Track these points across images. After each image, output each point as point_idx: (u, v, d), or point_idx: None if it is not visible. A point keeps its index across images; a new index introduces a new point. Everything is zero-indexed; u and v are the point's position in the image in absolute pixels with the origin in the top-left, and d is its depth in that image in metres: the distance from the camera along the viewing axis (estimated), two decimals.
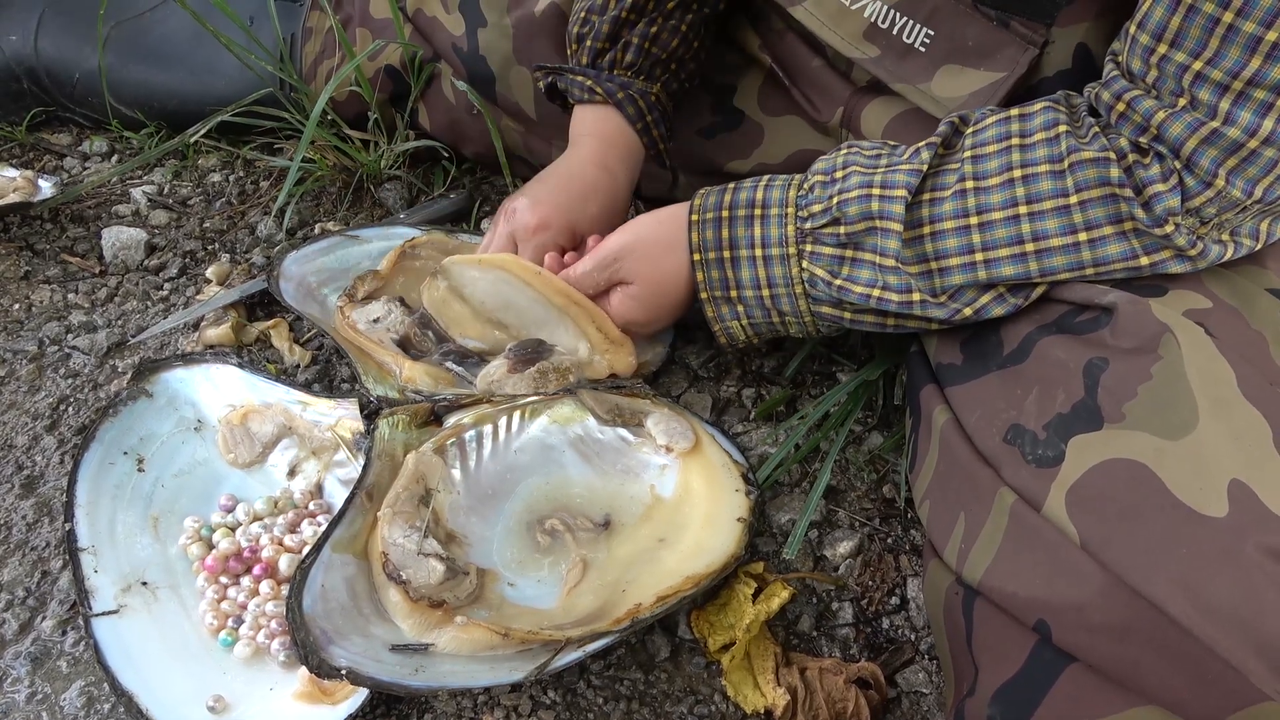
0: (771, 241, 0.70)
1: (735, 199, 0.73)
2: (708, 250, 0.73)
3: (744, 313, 0.74)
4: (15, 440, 0.82)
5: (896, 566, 0.72)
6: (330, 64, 1.08)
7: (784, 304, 0.72)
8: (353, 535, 0.65)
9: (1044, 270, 0.62)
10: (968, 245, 0.64)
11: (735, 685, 0.64)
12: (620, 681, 0.66)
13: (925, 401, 0.67)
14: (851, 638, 0.68)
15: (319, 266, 0.89)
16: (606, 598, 0.65)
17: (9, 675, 0.65)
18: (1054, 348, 0.60)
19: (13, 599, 0.70)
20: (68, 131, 1.19)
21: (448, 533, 0.68)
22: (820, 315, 0.72)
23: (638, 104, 0.86)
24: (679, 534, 0.69)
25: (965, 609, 0.55)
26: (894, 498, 0.77)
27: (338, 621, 0.59)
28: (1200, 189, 0.58)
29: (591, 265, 0.78)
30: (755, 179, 0.74)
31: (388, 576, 0.62)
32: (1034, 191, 0.61)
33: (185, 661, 0.64)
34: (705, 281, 0.74)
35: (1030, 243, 0.62)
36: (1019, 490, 0.54)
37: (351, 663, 0.56)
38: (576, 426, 0.76)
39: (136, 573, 0.69)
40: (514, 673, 0.58)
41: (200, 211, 1.08)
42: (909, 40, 0.76)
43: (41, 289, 0.97)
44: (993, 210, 0.63)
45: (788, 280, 0.71)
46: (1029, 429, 0.56)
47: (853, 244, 0.68)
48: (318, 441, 0.76)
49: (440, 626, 0.61)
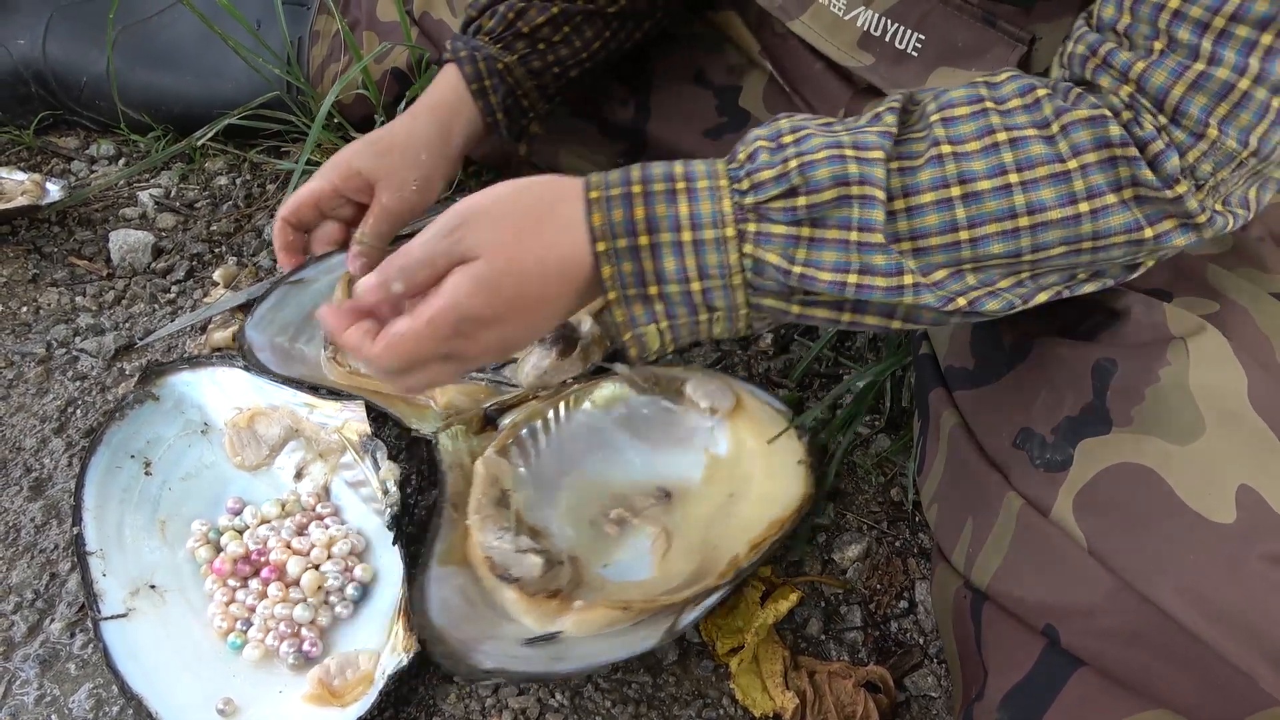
0: (703, 221, 0.53)
1: (646, 174, 0.54)
2: (616, 236, 0.53)
3: (664, 312, 0.55)
4: (24, 443, 0.82)
5: (905, 570, 0.72)
6: (337, 67, 1.09)
7: (718, 299, 0.55)
8: (449, 547, 0.66)
9: (1037, 246, 0.53)
10: (950, 221, 0.52)
11: (744, 689, 0.64)
12: (628, 685, 0.66)
13: (934, 404, 0.67)
14: (860, 641, 0.68)
15: (279, 324, 0.84)
16: (700, 558, 0.67)
17: (18, 677, 0.66)
18: (1059, 347, 0.60)
19: (21, 601, 0.70)
20: (75, 135, 1.19)
21: (530, 528, 0.70)
22: (760, 308, 0.56)
23: (478, 65, 0.85)
24: (746, 486, 0.72)
25: (973, 612, 0.55)
26: (902, 501, 0.77)
27: (467, 630, 0.60)
28: (1192, 142, 0.51)
29: (428, 235, 0.55)
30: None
31: (499, 579, 0.64)
32: (1025, 157, 0.52)
33: (194, 664, 0.65)
34: (614, 277, 0.54)
35: (1024, 216, 0.52)
36: (1027, 495, 0.54)
37: (497, 664, 0.58)
38: (620, 406, 0.78)
39: (145, 576, 0.69)
40: (646, 640, 0.61)
41: (207, 214, 1.08)
42: (901, 46, 0.76)
43: (49, 292, 0.97)
44: (978, 179, 0.52)
45: (724, 269, 0.53)
46: (1038, 433, 0.56)
47: (813, 220, 0.53)
48: (324, 444, 0.76)
49: (561, 614, 0.63)
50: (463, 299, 0.53)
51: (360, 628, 0.67)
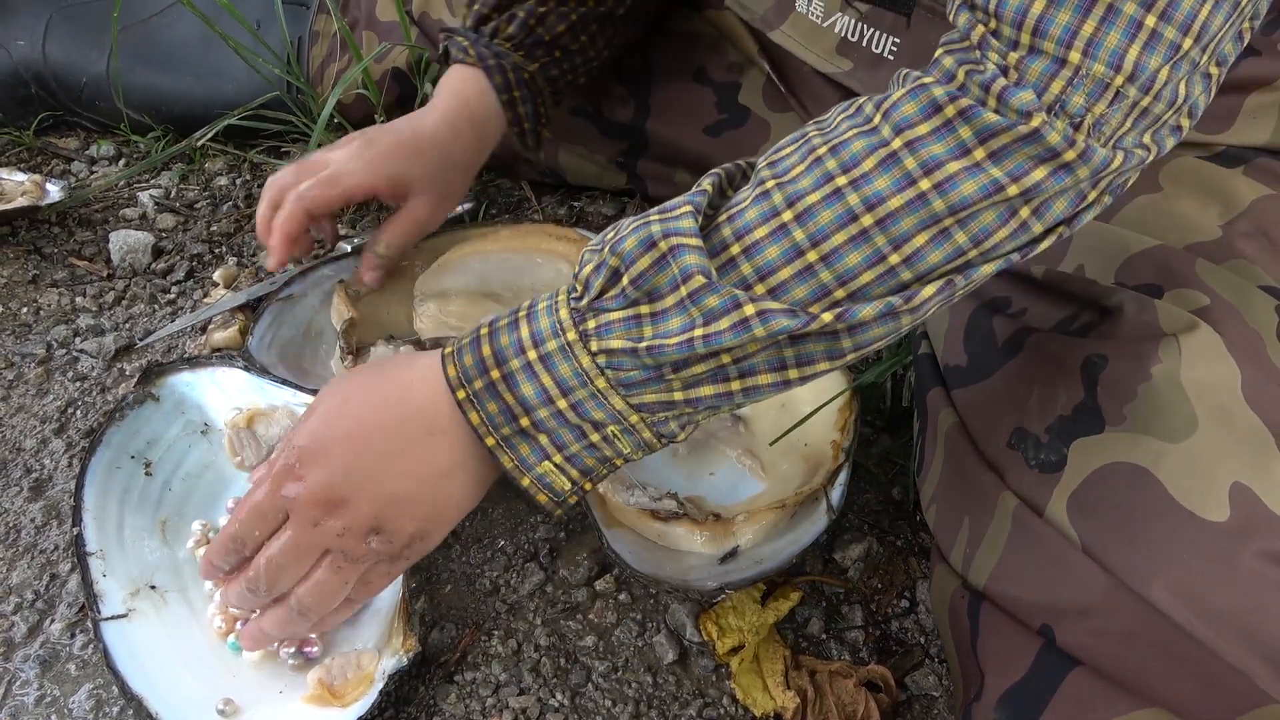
0: (544, 335, 0.52)
1: (494, 322, 0.55)
2: (471, 380, 0.53)
3: (550, 443, 0.54)
4: (24, 443, 0.82)
5: (906, 569, 0.72)
6: (337, 67, 1.09)
7: (592, 411, 0.52)
8: (606, 514, 0.70)
9: (895, 240, 0.47)
10: (793, 247, 0.48)
11: (744, 688, 0.64)
12: (628, 684, 0.66)
13: (931, 404, 0.67)
14: (861, 640, 0.68)
15: (281, 342, 0.83)
16: (799, 458, 0.75)
17: (18, 678, 0.65)
18: (1050, 343, 0.60)
19: (21, 602, 0.70)
20: (75, 136, 1.19)
21: (640, 484, 0.73)
22: (649, 409, 0.53)
23: (507, 75, 0.84)
24: (791, 395, 0.78)
25: (971, 613, 0.55)
26: (903, 500, 0.77)
27: (668, 567, 0.66)
28: (1054, 69, 0.45)
29: (261, 485, 0.56)
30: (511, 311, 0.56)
31: (664, 520, 0.68)
32: (848, 156, 0.48)
33: (194, 665, 0.64)
34: (484, 422, 0.53)
35: (865, 213, 0.47)
36: (1022, 495, 0.54)
37: (717, 581, 0.63)
38: None
39: (145, 576, 0.69)
40: (816, 524, 0.67)
41: (207, 215, 1.08)
42: (878, 50, 0.76)
43: (49, 292, 0.97)
44: (806, 195, 0.48)
45: (581, 376, 0.52)
46: (1032, 432, 0.56)
47: (646, 295, 0.50)
48: None
49: (727, 533, 0.68)
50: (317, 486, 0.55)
51: (360, 628, 0.67)
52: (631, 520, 0.69)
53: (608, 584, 0.71)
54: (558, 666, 0.66)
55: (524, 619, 0.69)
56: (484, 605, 0.70)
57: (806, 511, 0.69)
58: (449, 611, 0.70)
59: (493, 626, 0.69)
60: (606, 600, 0.70)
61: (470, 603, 0.70)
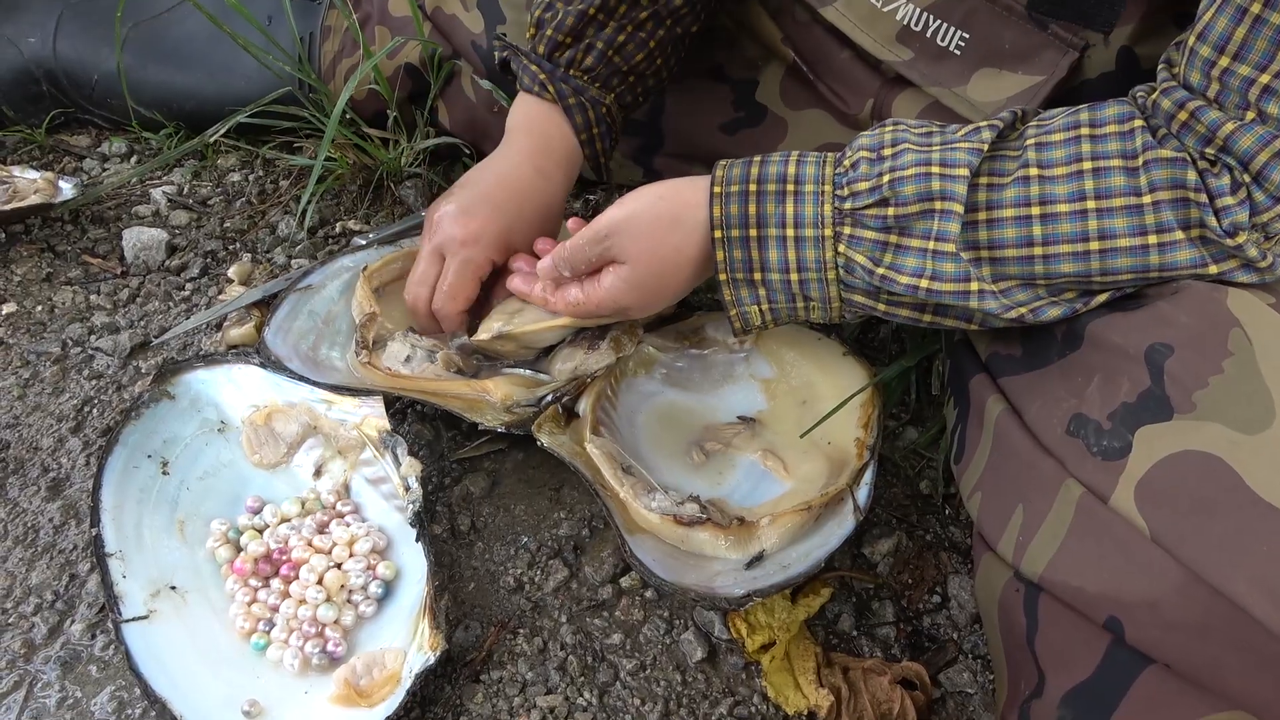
0: (805, 221, 0.63)
1: (764, 172, 0.65)
2: (731, 227, 0.65)
3: (766, 296, 0.66)
4: (41, 442, 0.81)
5: (936, 564, 0.71)
6: (349, 63, 1.07)
7: (813, 290, 0.65)
8: (627, 520, 0.69)
9: (1105, 270, 0.58)
10: (1027, 237, 0.58)
11: (776, 686, 0.62)
12: (656, 682, 0.65)
13: (976, 392, 0.66)
14: (893, 637, 0.67)
15: (298, 332, 0.82)
16: (823, 457, 0.74)
17: (39, 680, 0.65)
18: (1109, 332, 0.58)
19: (41, 602, 0.69)
20: (87, 133, 1.18)
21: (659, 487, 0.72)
22: (851, 303, 0.65)
23: (587, 113, 0.82)
24: (813, 390, 0.80)
25: (1027, 606, 0.54)
26: (931, 494, 0.76)
27: (692, 575, 0.65)
28: (1270, 204, 0.55)
29: (585, 240, 0.70)
30: (783, 153, 0.66)
31: (688, 525, 0.67)
32: (1104, 186, 0.57)
33: (217, 666, 0.64)
34: (726, 262, 0.66)
35: (1095, 240, 0.57)
36: (1084, 482, 0.52)
37: (745, 588, 0.62)
38: (658, 367, 0.83)
39: (165, 577, 0.68)
40: (843, 526, 0.66)
41: (220, 211, 1.07)
42: (943, 43, 0.74)
43: (64, 290, 0.96)
44: (1058, 201, 0.58)
45: (820, 265, 0.63)
46: (1092, 419, 0.55)
47: (899, 228, 0.61)
48: (343, 440, 0.75)
49: (751, 537, 0.67)
50: (618, 294, 0.70)
51: (384, 626, 0.66)
52: (653, 526, 0.68)
53: (633, 581, 0.70)
54: (585, 665, 0.65)
55: (549, 616, 0.68)
56: (508, 603, 0.69)
57: (832, 511, 0.68)
58: (473, 609, 0.69)
59: (518, 624, 0.68)
60: (632, 597, 0.69)
61: (494, 600, 0.69)
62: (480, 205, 0.78)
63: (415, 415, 0.82)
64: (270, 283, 0.94)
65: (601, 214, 0.71)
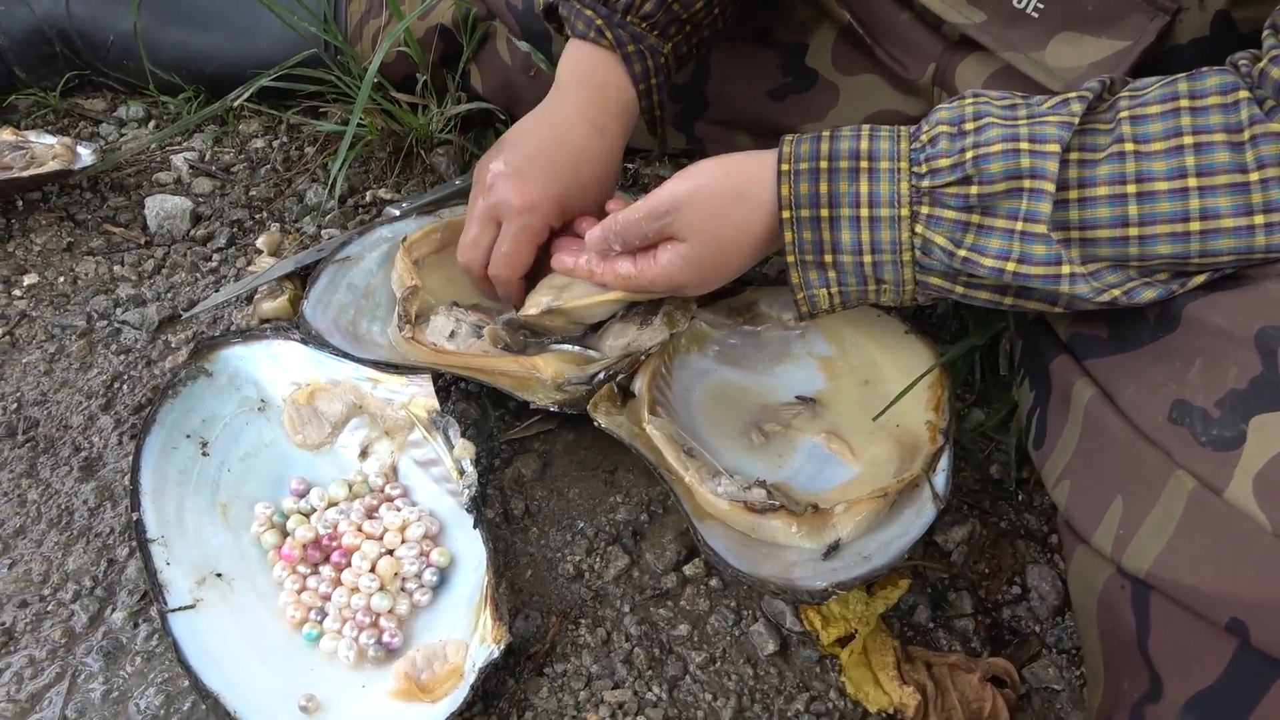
0: (881, 200, 0.59)
1: (835, 148, 0.61)
2: (800, 207, 0.61)
3: (836, 279, 0.63)
4: (71, 420, 0.78)
5: (1013, 552, 0.68)
6: (377, 23, 1.03)
7: (886, 272, 0.61)
8: (694, 506, 0.66)
9: (1205, 251, 0.54)
10: (1121, 217, 0.54)
11: (855, 682, 0.60)
12: (727, 676, 0.62)
13: (1059, 374, 0.62)
14: (971, 629, 0.64)
15: (337, 306, 0.78)
16: (892, 440, 0.71)
17: (82, 672, 0.62)
18: (1211, 314, 0.55)
19: (80, 589, 0.66)
20: (102, 96, 1.14)
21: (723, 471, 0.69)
22: (926, 286, 0.61)
23: (646, 62, 0.78)
24: (875, 370, 0.76)
25: (1136, 605, 0.51)
26: (1002, 479, 0.73)
27: (769, 566, 0.61)
28: None
29: (641, 214, 0.67)
30: (853, 127, 0.62)
31: (760, 513, 0.64)
32: (1207, 163, 0.53)
33: (269, 657, 0.61)
34: (795, 243, 0.62)
35: (1196, 220, 0.53)
36: (1195, 473, 0.49)
37: (826, 580, 0.59)
38: (710, 344, 0.80)
39: (209, 563, 0.65)
40: (923, 514, 0.63)
41: (245, 179, 1.03)
42: (1020, 5, 0.70)
43: (86, 261, 0.92)
44: (1156, 179, 0.53)
45: (895, 246, 0.60)
46: (1197, 405, 0.51)
47: (982, 208, 0.57)
48: (390, 421, 0.72)
49: (826, 525, 0.64)
50: (675, 273, 0.67)
51: (440, 616, 0.64)
52: (721, 512, 0.65)
53: (697, 569, 0.67)
54: (652, 657, 0.63)
55: (611, 606, 0.65)
56: (568, 591, 0.66)
57: (907, 499, 0.65)
58: (531, 598, 0.66)
59: (579, 614, 0.65)
60: (697, 586, 0.67)
61: (553, 589, 0.67)
62: (535, 168, 0.74)
63: (460, 392, 0.79)
64: (302, 254, 0.90)
65: (660, 188, 0.67)
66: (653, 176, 1.02)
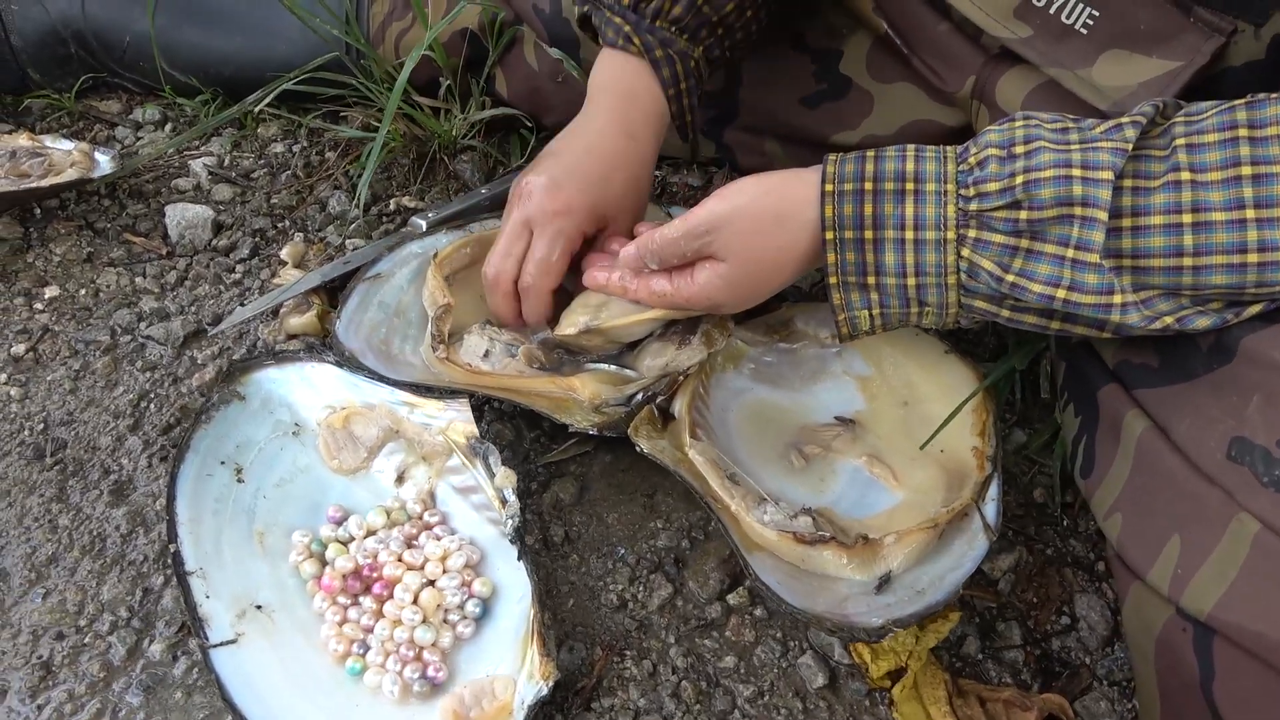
0: (927, 223, 0.58)
1: (880, 169, 0.60)
2: (844, 228, 0.60)
3: (878, 301, 0.62)
4: (99, 441, 0.76)
5: (1060, 581, 0.67)
6: (400, 26, 1.01)
7: (930, 295, 0.60)
8: (742, 536, 0.65)
9: (1262, 283, 0.53)
10: (1176, 246, 0.54)
11: (907, 718, 0.59)
12: (776, 710, 0.62)
13: (1108, 404, 0.61)
14: (1021, 661, 0.64)
15: (369, 326, 0.77)
16: (936, 465, 0.70)
17: (123, 708, 0.61)
18: (1269, 348, 0.54)
19: (116, 620, 0.65)
20: (117, 98, 1.12)
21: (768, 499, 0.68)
22: (971, 309, 0.61)
23: (675, 67, 0.77)
24: (914, 391, 0.75)
25: (1199, 649, 0.50)
26: (1046, 503, 0.72)
27: (821, 601, 0.60)
28: None
29: (679, 234, 0.66)
30: (898, 147, 0.62)
31: (810, 544, 0.63)
32: (1266, 195, 0.52)
33: (312, 693, 0.60)
34: (837, 264, 0.61)
35: (1255, 253, 0.53)
36: (1259, 517, 0.49)
37: (881, 618, 0.58)
38: (746, 363, 0.79)
39: (249, 595, 0.64)
40: (975, 545, 0.62)
41: (265, 185, 1.01)
42: (1069, 20, 0.68)
43: (107, 272, 0.91)
44: (1213, 210, 0.53)
45: (940, 269, 0.59)
46: (1258, 444, 0.51)
47: (1032, 233, 0.56)
48: (428, 446, 0.71)
49: (876, 557, 0.63)
50: (713, 292, 0.66)
51: (485, 649, 0.63)
52: (769, 542, 0.64)
53: (741, 598, 0.67)
54: (699, 691, 0.62)
55: (656, 637, 0.65)
56: (611, 621, 0.66)
57: (955, 528, 0.64)
58: (575, 629, 0.65)
59: (624, 646, 0.64)
60: (742, 616, 0.66)
61: (596, 619, 0.66)
62: (569, 177, 0.73)
63: (494, 412, 0.78)
64: (328, 266, 0.89)
65: (698, 207, 0.66)
66: (681, 184, 1.00)
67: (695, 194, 0.99)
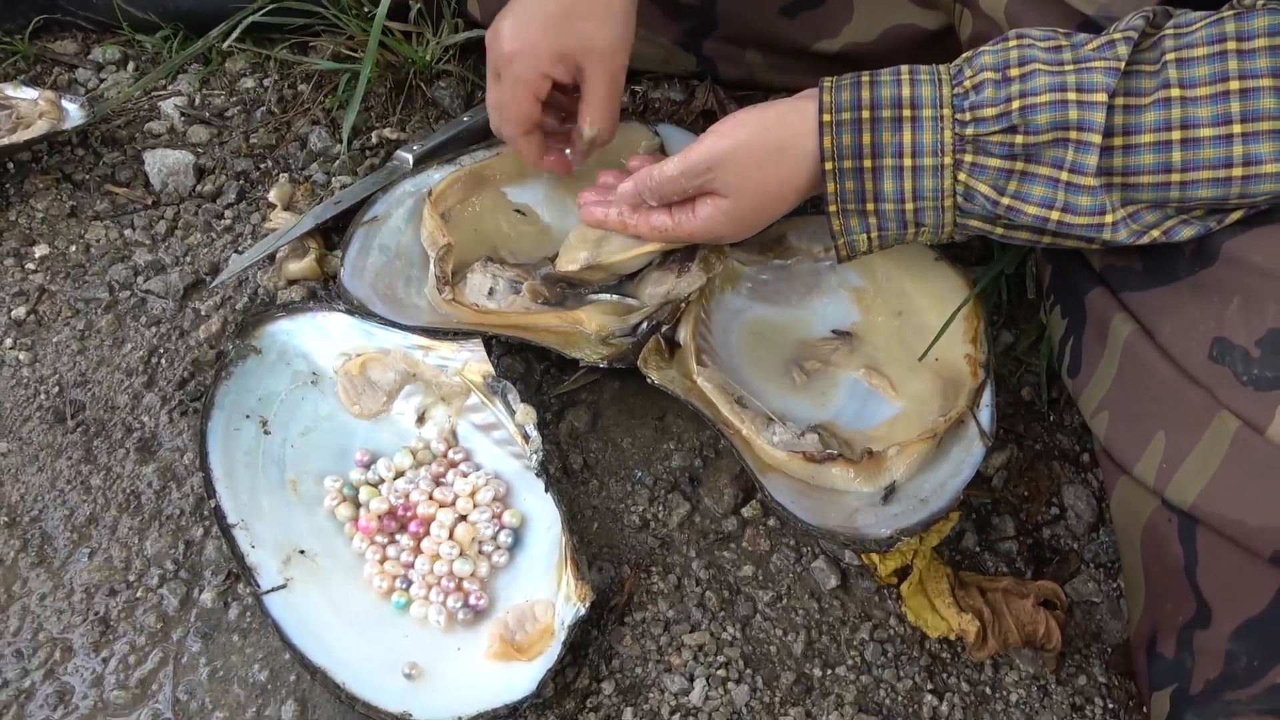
0: (924, 150, 0.60)
1: (876, 96, 0.61)
2: (843, 158, 0.62)
3: (876, 225, 0.64)
4: (116, 400, 0.78)
5: (1049, 474, 0.72)
6: None
7: (927, 217, 0.62)
8: (754, 458, 0.68)
9: (1245, 194, 0.55)
10: (1165, 163, 0.56)
11: (915, 611, 0.65)
12: (794, 611, 0.67)
13: (1095, 306, 0.64)
14: (1015, 551, 0.69)
15: (372, 271, 0.77)
16: (931, 374, 0.73)
17: (184, 654, 0.65)
18: (1250, 251, 0.57)
19: (164, 573, 0.68)
20: (73, 38, 1.08)
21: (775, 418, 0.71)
22: (966, 228, 0.63)
23: None
24: (905, 299, 0.78)
25: (1183, 537, 0.55)
26: (1034, 401, 0.77)
27: (832, 515, 0.64)
28: None
29: (679, 171, 0.67)
30: (892, 70, 0.62)
31: (820, 461, 0.67)
32: (1252, 109, 0.53)
33: (363, 628, 0.64)
34: (837, 193, 0.63)
35: (1239, 167, 0.55)
36: (1239, 414, 0.53)
37: (890, 528, 0.62)
38: (743, 282, 0.81)
39: (291, 541, 0.67)
40: (973, 452, 0.66)
41: (241, 124, 1.00)
42: None
43: (94, 226, 0.90)
44: (1200, 125, 0.55)
45: (938, 193, 0.61)
46: (1238, 344, 0.54)
47: (1026, 156, 0.58)
48: (445, 386, 0.73)
49: (880, 469, 0.67)
50: (715, 226, 0.68)
51: (521, 576, 0.67)
52: (779, 462, 0.68)
53: (755, 510, 0.71)
54: (722, 599, 0.67)
55: (678, 552, 0.69)
56: (636, 541, 0.70)
57: (953, 436, 0.68)
58: (602, 550, 0.70)
59: (649, 563, 0.69)
60: (756, 527, 0.70)
61: (620, 539, 0.70)
62: (529, 15, 0.73)
63: (502, 346, 0.80)
64: (319, 208, 0.88)
65: (697, 144, 0.68)
66: (664, 100, 1.00)
67: (677, 109, 0.99)
